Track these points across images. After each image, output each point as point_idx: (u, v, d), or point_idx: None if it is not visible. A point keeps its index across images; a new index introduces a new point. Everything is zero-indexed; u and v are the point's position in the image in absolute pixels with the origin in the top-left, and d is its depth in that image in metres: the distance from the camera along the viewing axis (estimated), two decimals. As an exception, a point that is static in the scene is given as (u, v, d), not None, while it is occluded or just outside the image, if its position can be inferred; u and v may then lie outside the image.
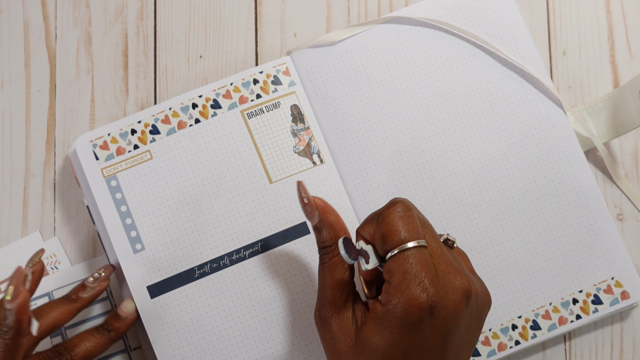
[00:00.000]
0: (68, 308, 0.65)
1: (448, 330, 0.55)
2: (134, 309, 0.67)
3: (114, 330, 0.66)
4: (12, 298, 0.58)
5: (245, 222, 0.68)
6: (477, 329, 0.58)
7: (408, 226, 0.55)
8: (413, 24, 0.70)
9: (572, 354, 0.70)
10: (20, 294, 0.59)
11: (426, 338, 0.55)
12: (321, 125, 0.69)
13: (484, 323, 0.59)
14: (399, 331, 0.54)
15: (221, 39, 0.73)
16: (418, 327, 0.54)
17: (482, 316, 0.58)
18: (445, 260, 0.56)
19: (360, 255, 0.57)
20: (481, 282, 0.59)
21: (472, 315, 0.57)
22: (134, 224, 0.68)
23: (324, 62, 0.70)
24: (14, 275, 0.60)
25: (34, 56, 0.73)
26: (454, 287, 0.55)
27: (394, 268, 0.55)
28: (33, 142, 0.72)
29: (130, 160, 0.69)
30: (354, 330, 0.57)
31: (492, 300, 0.59)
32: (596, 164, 0.71)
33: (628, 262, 0.68)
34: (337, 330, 0.58)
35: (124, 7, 0.74)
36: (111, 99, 0.73)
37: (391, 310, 0.54)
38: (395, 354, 0.55)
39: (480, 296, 0.57)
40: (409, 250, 0.55)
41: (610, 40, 0.73)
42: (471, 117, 0.70)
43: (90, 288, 0.66)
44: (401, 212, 0.56)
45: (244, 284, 0.68)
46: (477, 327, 0.58)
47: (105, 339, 0.65)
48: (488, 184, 0.69)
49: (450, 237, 0.59)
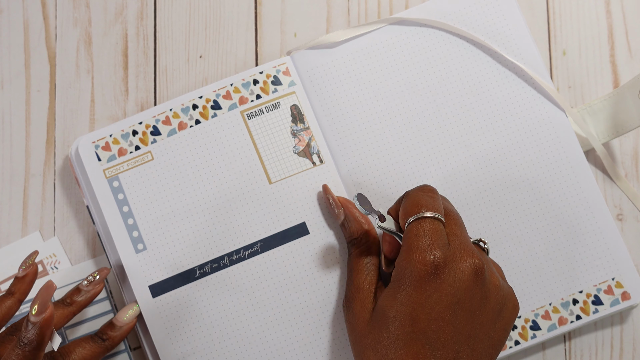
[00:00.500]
0: (63, 312, 0.65)
1: (455, 302, 0.58)
2: (130, 319, 0.67)
3: (108, 340, 0.66)
4: (38, 312, 0.58)
5: (245, 222, 0.68)
6: (497, 324, 0.60)
7: (428, 201, 0.60)
8: (413, 25, 0.70)
9: (572, 354, 0.70)
10: (47, 309, 0.58)
11: (433, 302, 0.58)
12: (321, 125, 0.70)
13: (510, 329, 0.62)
14: (406, 290, 0.58)
15: (221, 39, 0.73)
16: (424, 287, 0.58)
17: (505, 314, 0.60)
18: (461, 240, 0.60)
19: (374, 212, 0.62)
20: (510, 288, 0.62)
21: (489, 303, 0.59)
22: (135, 224, 0.68)
23: (324, 62, 0.70)
24: (42, 289, 0.59)
25: (34, 56, 0.73)
26: (464, 260, 0.59)
27: (409, 232, 0.60)
28: (33, 142, 0.72)
29: (131, 161, 0.69)
30: (372, 307, 0.62)
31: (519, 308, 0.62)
32: (596, 164, 0.72)
33: (628, 262, 0.68)
34: (358, 310, 0.62)
35: (124, 7, 0.73)
36: (111, 99, 0.73)
37: (401, 270, 0.59)
38: (403, 315, 0.58)
39: (504, 292, 0.60)
40: (425, 219, 0.59)
41: (610, 40, 0.73)
42: (471, 118, 0.70)
43: (84, 292, 0.66)
44: (426, 191, 0.62)
45: (244, 284, 0.68)
46: (497, 322, 0.60)
47: (100, 348, 0.65)
48: (488, 184, 0.69)
49: (483, 240, 0.63)
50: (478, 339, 0.59)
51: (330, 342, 0.68)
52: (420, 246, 0.58)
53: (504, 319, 0.60)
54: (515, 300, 0.61)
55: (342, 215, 0.67)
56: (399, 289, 0.59)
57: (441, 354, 0.57)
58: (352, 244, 0.66)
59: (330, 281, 0.68)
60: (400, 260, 0.59)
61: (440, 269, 0.58)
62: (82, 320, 0.70)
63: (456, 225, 0.61)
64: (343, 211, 0.67)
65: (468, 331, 0.58)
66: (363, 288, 0.63)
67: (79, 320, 0.70)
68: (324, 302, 0.68)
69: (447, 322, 0.58)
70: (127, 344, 0.70)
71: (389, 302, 0.59)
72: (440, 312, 0.58)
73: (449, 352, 0.58)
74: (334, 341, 0.68)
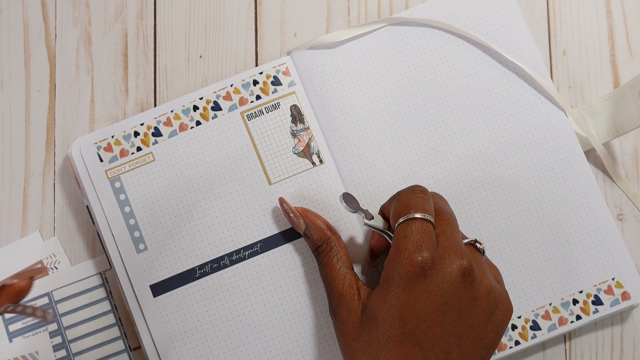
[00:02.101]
0: None
1: (444, 303, 0.58)
2: None
3: None
4: None
5: (245, 223, 0.68)
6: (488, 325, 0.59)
7: (418, 203, 0.60)
8: (413, 25, 0.70)
9: (572, 354, 0.70)
10: None
11: (421, 304, 0.58)
12: (321, 125, 0.70)
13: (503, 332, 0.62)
14: (395, 291, 0.58)
15: (221, 39, 0.73)
16: (412, 288, 0.58)
17: (497, 316, 0.60)
18: (451, 241, 0.59)
19: (360, 211, 0.62)
20: (504, 290, 0.61)
21: (479, 304, 0.59)
22: (137, 224, 0.68)
23: (324, 62, 0.70)
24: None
25: (34, 56, 0.73)
26: (452, 261, 0.58)
27: (398, 233, 0.60)
28: (33, 142, 0.72)
29: (133, 162, 0.69)
30: (360, 310, 0.61)
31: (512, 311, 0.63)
32: (596, 164, 0.72)
33: (629, 262, 0.68)
34: (345, 315, 0.62)
35: (124, 7, 0.73)
36: (111, 99, 0.73)
37: (390, 271, 0.59)
38: (392, 316, 0.58)
39: (496, 294, 0.60)
40: (414, 220, 0.59)
41: (610, 40, 0.73)
42: (471, 118, 0.70)
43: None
44: (416, 192, 0.62)
45: (244, 284, 0.68)
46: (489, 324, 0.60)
47: None
48: (488, 184, 0.69)
49: (478, 241, 0.62)
50: (468, 340, 0.59)
51: (330, 342, 0.68)
52: (409, 247, 0.58)
53: (496, 321, 0.60)
54: (508, 302, 0.61)
55: (302, 225, 0.66)
56: (387, 291, 0.59)
57: (431, 355, 0.58)
58: (319, 252, 0.66)
59: (330, 281, 0.68)
60: (389, 261, 0.59)
61: (428, 270, 0.58)
62: (82, 320, 0.70)
63: (447, 225, 0.61)
64: (303, 220, 0.66)
65: (457, 332, 0.58)
66: (345, 293, 0.63)
67: (78, 320, 0.70)
68: (323, 302, 0.68)
69: (436, 323, 0.58)
70: (127, 344, 0.70)
71: (379, 304, 0.59)
72: (428, 313, 0.58)
73: (439, 353, 0.58)
74: (333, 341, 0.68)
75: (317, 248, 0.66)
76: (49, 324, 0.70)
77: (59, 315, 0.70)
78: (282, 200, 0.67)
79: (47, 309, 0.58)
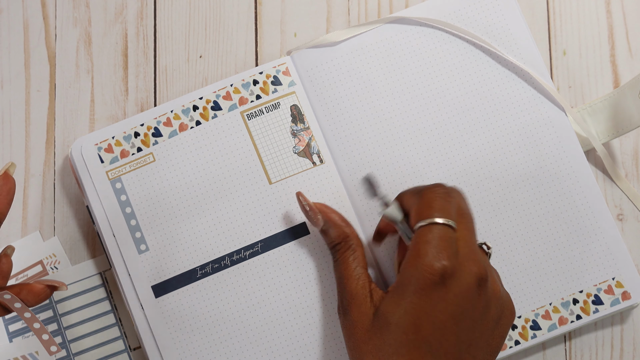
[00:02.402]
0: None
1: (460, 312, 0.57)
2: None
3: None
4: None
5: (246, 223, 0.68)
6: (495, 331, 0.60)
7: (442, 205, 0.59)
8: (413, 24, 0.70)
9: (572, 354, 0.70)
10: None
11: (437, 312, 0.57)
12: (321, 125, 0.70)
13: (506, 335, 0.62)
14: (411, 297, 0.57)
15: (221, 39, 0.73)
16: (429, 295, 0.57)
17: (503, 321, 0.60)
18: (470, 248, 0.59)
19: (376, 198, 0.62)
20: (508, 294, 0.61)
21: (490, 312, 0.59)
22: (138, 225, 0.68)
23: (324, 62, 0.70)
24: None
25: (34, 56, 0.73)
26: (471, 270, 0.58)
27: (418, 237, 0.58)
28: (33, 142, 0.72)
29: (134, 163, 0.69)
30: (372, 313, 0.60)
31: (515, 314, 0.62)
32: (596, 164, 0.72)
33: (629, 262, 0.68)
34: (356, 316, 0.61)
35: (124, 7, 0.73)
36: (111, 99, 0.73)
37: (407, 275, 0.58)
38: (406, 322, 0.57)
39: (503, 300, 0.60)
40: (436, 225, 0.58)
41: (610, 40, 0.73)
42: (471, 118, 0.70)
43: None
44: (441, 193, 0.60)
45: (245, 284, 0.68)
46: (496, 330, 0.60)
47: None
48: (488, 184, 0.69)
49: (487, 244, 0.62)
50: (478, 347, 0.58)
51: (331, 342, 0.68)
52: (429, 253, 0.57)
53: (502, 326, 0.60)
54: (512, 306, 0.61)
55: (321, 221, 0.65)
56: (402, 296, 0.58)
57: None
58: (336, 249, 0.65)
59: (330, 281, 0.68)
60: (407, 265, 0.58)
61: (447, 279, 0.57)
62: (83, 320, 0.70)
63: (466, 229, 0.60)
64: (322, 217, 0.65)
65: (470, 340, 0.58)
66: (358, 294, 0.62)
67: (78, 320, 0.70)
68: (324, 302, 0.68)
69: (451, 331, 0.57)
70: (127, 344, 0.70)
71: (392, 308, 0.58)
72: (444, 321, 0.57)
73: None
74: (334, 341, 0.68)
75: (335, 245, 0.65)
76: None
77: (59, 315, 0.70)
78: (299, 194, 0.66)
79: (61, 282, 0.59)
